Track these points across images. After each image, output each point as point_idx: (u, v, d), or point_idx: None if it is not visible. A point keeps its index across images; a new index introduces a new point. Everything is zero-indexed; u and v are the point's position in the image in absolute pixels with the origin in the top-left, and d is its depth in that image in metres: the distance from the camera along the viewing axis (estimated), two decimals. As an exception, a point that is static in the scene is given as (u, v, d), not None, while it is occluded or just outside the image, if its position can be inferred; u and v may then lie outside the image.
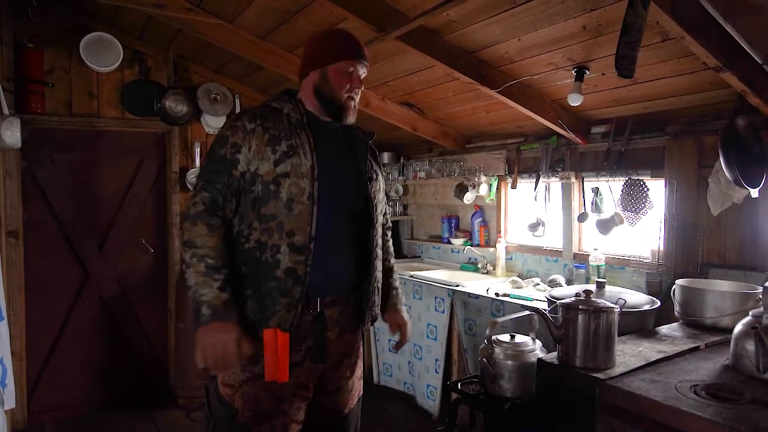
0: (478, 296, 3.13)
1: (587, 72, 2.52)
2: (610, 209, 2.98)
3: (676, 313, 2.21)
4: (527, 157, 3.55)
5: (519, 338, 1.95)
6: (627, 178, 2.87)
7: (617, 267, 3.03)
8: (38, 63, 3.46)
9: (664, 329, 2.09)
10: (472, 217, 3.95)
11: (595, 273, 3.02)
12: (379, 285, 1.82)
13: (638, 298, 2.21)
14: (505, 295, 3.03)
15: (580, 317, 1.62)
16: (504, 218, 3.79)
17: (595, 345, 1.61)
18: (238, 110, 4.10)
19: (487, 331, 1.85)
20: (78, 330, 3.77)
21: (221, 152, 1.61)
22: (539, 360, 1.73)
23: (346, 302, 1.72)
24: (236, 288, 1.59)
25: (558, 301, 1.69)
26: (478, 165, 3.83)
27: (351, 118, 1.76)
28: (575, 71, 2.53)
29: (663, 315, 2.30)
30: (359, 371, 1.87)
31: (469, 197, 3.76)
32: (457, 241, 4.01)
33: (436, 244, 4.34)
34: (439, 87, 3.23)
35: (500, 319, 1.88)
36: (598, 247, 3.07)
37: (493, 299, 3.02)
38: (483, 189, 3.72)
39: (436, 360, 3.44)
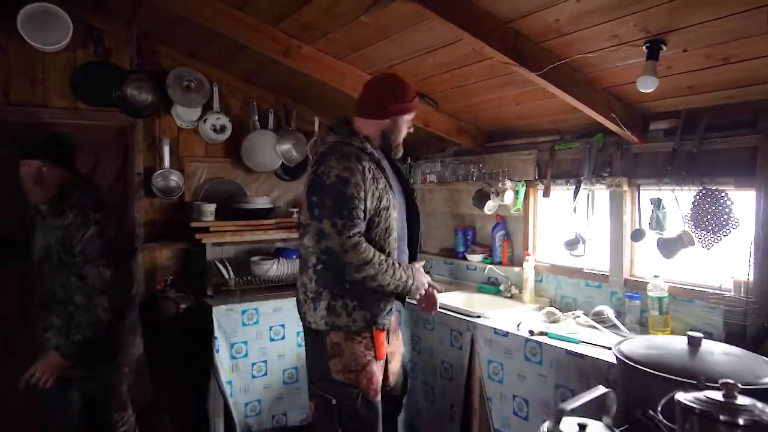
0: (506, 333, 2.50)
1: (663, 47, 1.90)
2: (677, 226, 2.36)
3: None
4: (563, 158, 2.92)
5: (592, 428, 1.33)
6: (701, 188, 2.25)
7: (683, 299, 2.40)
8: (-34, 40, 2.82)
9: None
10: (493, 229, 3.32)
11: (654, 306, 2.40)
12: None
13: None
14: (541, 333, 2.41)
15: None
16: (533, 232, 3.15)
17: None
18: (216, 101, 3.47)
19: (547, 426, 1.23)
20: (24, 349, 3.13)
21: (349, 192, 1.92)
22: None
23: None
24: (346, 302, 2.01)
25: (682, 401, 1.06)
26: (501, 167, 3.19)
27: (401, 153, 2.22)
28: (647, 47, 1.90)
29: None
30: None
31: (491, 206, 3.13)
32: (475, 258, 3.38)
33: (448, 260, 3.69)
34: (459, 71, 2.60)
35: (568, 406, 1.26)
36: (659, 273, 2.44)
37: (528, 339, 2.40)
38: (508, 197, 3.08)
39: (452, 406, 2.82)
